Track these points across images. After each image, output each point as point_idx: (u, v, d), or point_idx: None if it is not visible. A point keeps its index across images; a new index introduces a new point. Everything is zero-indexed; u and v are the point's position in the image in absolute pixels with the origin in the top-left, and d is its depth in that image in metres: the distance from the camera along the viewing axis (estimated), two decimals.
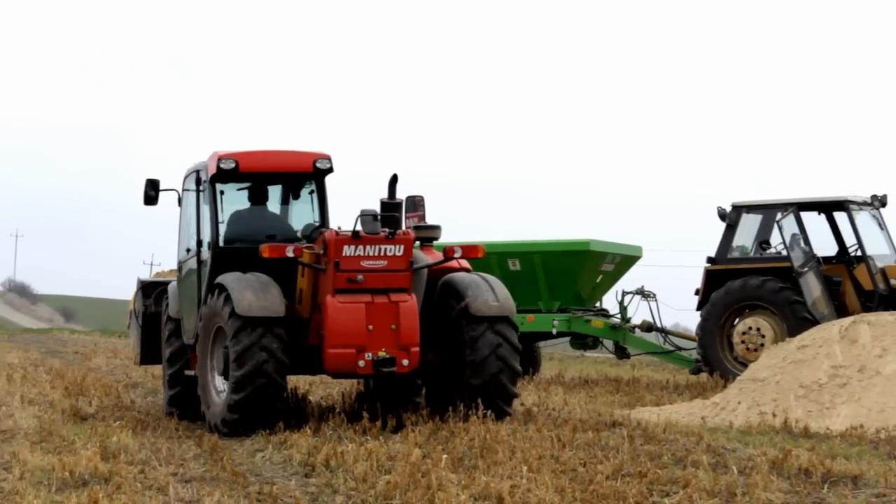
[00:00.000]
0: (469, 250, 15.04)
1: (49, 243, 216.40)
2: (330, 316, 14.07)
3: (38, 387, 20.16)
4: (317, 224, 15.60)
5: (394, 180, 15.12)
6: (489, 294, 14.60)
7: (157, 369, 20.74)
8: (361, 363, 14.02)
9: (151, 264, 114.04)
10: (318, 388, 19.97)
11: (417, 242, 15.37)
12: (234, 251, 15.12)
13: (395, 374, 14.23)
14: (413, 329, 14.20)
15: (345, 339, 14.02)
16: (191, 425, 14.87)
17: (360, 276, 14.13)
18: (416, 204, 16.02)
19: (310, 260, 14.39)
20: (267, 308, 14.01)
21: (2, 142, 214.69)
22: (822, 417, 15.09)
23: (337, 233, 14.32)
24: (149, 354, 17.65)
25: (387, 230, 14.33)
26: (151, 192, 15.85)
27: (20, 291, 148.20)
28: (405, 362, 14.12)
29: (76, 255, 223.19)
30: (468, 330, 14.49)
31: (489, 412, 14.11)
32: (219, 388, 14.66)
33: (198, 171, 15.91)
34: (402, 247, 14.30)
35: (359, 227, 14.31)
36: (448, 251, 14.89)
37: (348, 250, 14.14)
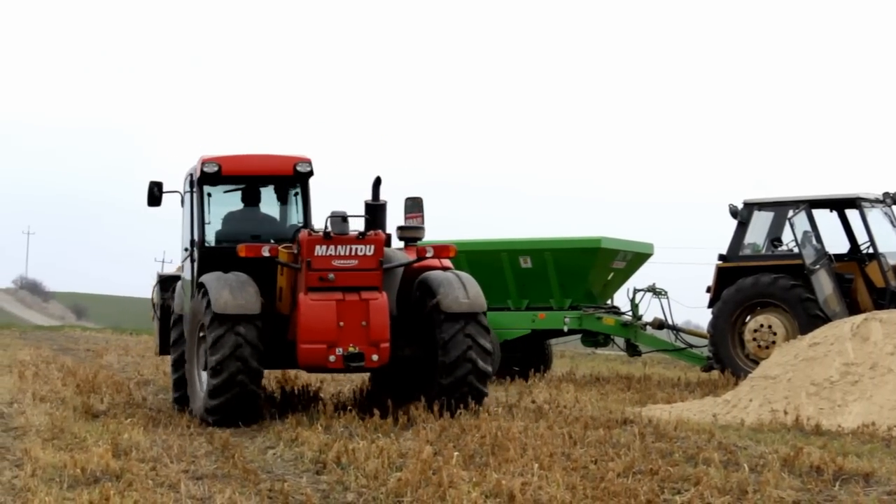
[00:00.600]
0: (441, 250, 15.65)
1: (61, 241, 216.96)
2: (302, 313, 14.67)
3: (49, 384, 20.19)
4: (300, 225, 16.13)
5: (377, 182, 15.75)
6: (460, 291, 15.03)
7: (169, 366, 20.81)
8: (332, 358, 14.62)
9: (163, 261, 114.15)
10: (329, 385, 19.99)
11: (402, 243, 15.97)
12: (219, 251, 15.75)
13: (363, 368, 14.87)
14: (383, 326, 14.73)
15: (316, 335, 14.62)
16: (201, 422, 14.89)
17: (331, 275, 14.75)
18: (416, 205, 16.47)
19: (287, 259, 15.00)
20: (242, 306, 14.59)
21: (14, 140, 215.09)
22: (833, 415, 15.07)
23: (310, 233, 14.92)
24: (167, 346, 17.97)
25: (357, 231, 14.91)
26: (156, 193, 16.41)
27: (32, 289, 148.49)
28: (374, 357, 14.69)
29: (88, 252, 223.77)
30: (439, 325, 14.98)
31: (499, 407, 14.27)
32: (203, 382, 15.13)
33: (191, 174, 16.50)
34: (373, 247, 14.89)
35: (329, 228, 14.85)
36: (420, 251, 15.51)
37: (320, 250, 14.76)
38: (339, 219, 14.84)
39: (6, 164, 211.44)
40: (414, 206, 16.51)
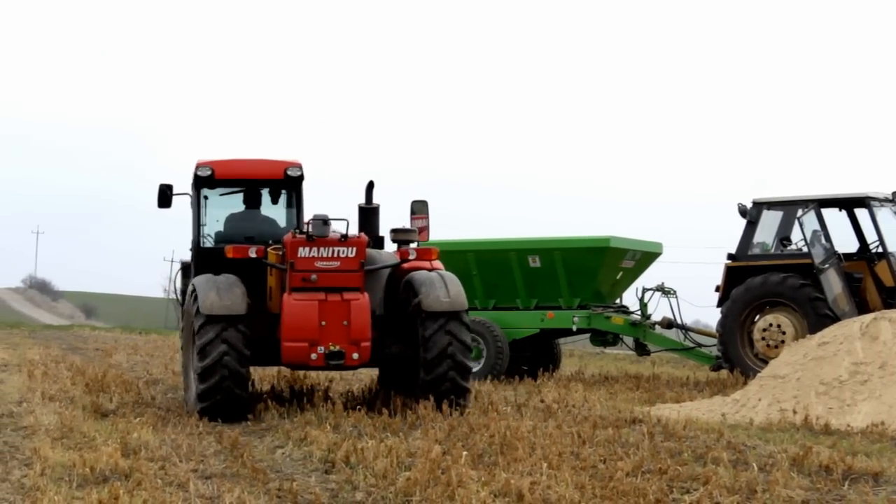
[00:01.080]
0: (423, 252, 16.14)
1: (70, 240, 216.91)
2: (285, 312, 15.20)
3: (58, 383, 20.19)
4: (293, 227, 16.63)
5: (370, 187, 16.71)
6: (441, 291, 15.41)
7: (178, 366, 20.84)
8: (314, 356, 15.12)
9: (172, 260, 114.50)
10: (338, 384, 20.01)
11: (395, 245, 16.50)
12: (215, 252, 16.33)
13: (343, 366, 15.28)
14: (364, 325, 15.21)
15: (299, 333, 15.13)
16: (211, 422, 14.92)
17: (313, 276, 15.25)
18: (422, 207, 17.15)
19: (275, 260, 15.59)
20: (228, 307, 15.06)
21: (22, 139, 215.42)
22: (842, 414, 15.06)
23: (294, 235, 15.44)
24: None
25: (339, 233, 15.41)
26: (168, 194, 17.03)
27: (41, 288, 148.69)
28: (355, 356, 15.18)
29: (97, 251, 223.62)
30: (421, 324, 15.39)
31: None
32: (193, 380, 15.57)
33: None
34: (355, 249, 15.40)
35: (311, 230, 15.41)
36: (403, 253, 16.06)
37: (303, 251, 15.30)
38: (321, 222, 15.31)
39: (15, 163, 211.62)
40: (420, 208, 17.09)
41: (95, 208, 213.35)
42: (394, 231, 16.54)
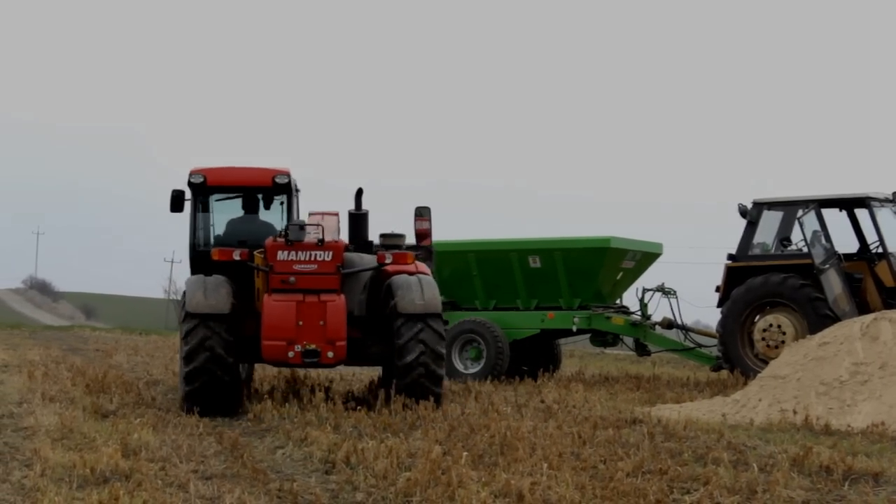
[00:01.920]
0: (399, 257, 16.72)
1: (70, 241, 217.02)
2: (265, 312, 15.91)
3: (59, 384, 20.18)
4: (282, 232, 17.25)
5: (359, 193, 17.58)
6: (416, 294, 16.05)
7: (178, 366, 20.83)
8: (291, 354, 15.89)
9: (172, 261, 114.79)
10: (338, 384, 20.02)
11: (389, 251, 16.96)
12: (207, 254, 16.97)
13: (319, 364, 15.93)
14: (339, 325, 15.87)
15: (277, 332, 15.83)
16: (211, 422, 14.93)
17: (292, 278, 16.01)
18: (425, 212, 17.99)
19: (261, 263, 16.23)
20: (213, 306, 15.78)
21: (23, 139, 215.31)
22: (843, 415, 15.06)
23: (274, 239, 16.15)
24: None
25: (317, 238, 16.10)
26: (182, 198, 17.66)
27: (41, 289, 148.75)
28: (330, 354, 15.92)
29: (97, 252, 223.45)
30: (396, 325, 16.00)
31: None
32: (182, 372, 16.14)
33: None
34: (331, 253, 16.10)
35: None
36: (379, 257, 16.67)
37: (282, 255, 16.03)
38: (297, 227, 16.05)
39: (16, 164, 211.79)
40: (424, 212, 17.91)
41: (96, 209, 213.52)
42: (382, 236, 17.22)
